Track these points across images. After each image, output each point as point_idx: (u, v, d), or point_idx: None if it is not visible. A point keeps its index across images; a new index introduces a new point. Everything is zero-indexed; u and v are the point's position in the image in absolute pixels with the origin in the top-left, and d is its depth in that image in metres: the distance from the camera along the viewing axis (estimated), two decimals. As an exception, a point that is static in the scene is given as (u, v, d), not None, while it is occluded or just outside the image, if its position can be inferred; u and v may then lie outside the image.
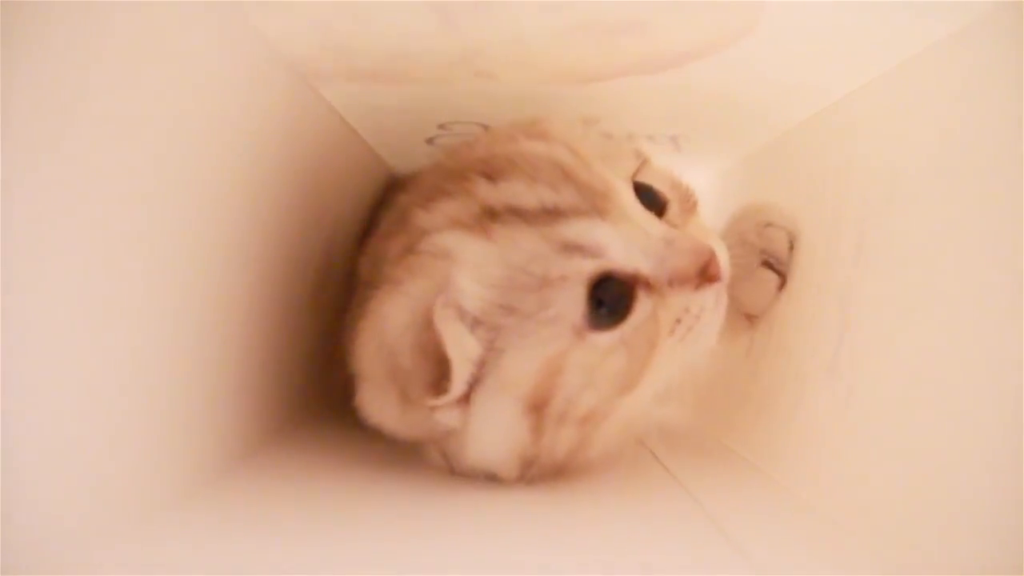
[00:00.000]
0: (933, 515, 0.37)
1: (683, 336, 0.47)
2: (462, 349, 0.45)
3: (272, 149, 0.54)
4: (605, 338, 0.46)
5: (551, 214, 0.45)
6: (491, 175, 0.47)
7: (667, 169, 0.56)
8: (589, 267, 0.45)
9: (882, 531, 0.41)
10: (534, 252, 0.45)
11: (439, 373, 0.45)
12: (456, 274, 0.45)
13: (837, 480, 0.46)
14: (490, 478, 0.50)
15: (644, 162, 0.54)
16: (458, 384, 0.45)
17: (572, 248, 0.45)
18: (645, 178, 0.52)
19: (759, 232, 0.60)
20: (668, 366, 0.48)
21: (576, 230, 0.45)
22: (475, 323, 0.45)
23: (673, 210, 0.51)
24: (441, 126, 0.69)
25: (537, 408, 0.46)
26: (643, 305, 0.46)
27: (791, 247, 0.59)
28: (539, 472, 0.50)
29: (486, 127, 0.70)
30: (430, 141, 0.73)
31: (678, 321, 0.47)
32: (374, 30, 0.47)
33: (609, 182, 0.47)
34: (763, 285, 0.60)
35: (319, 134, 0.62)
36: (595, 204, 0.46)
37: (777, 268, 0.59)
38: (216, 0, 0.42)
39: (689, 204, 0.53)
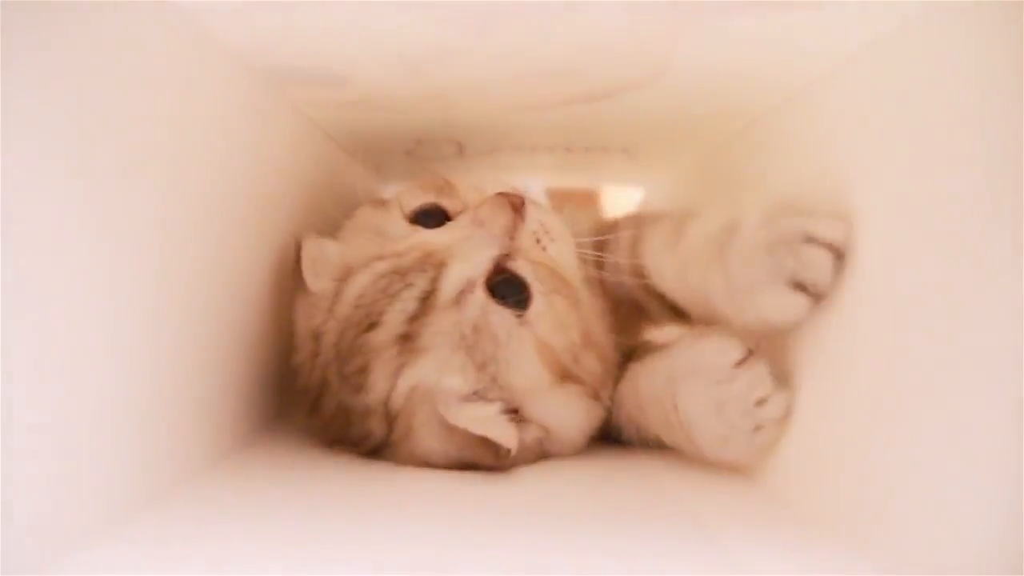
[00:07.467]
0: (910, 513, 0.37)
1: (548, 241, 0.58)
2: (487, 419, 0.52)
3: (268, 167, 0.61)
4: (537, 303, 0.55)
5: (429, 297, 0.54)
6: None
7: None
8: (473, 299, 0.53)
9: (860, 529, 0.40)
10: (455, 326, 0.53)
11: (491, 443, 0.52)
12: (436, 385, 0.52)
13: (815, 476, 0.46)
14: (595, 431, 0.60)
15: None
16: (511, 438, 0.52)
17: (460, 298, 0.53)
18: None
19: (791, 247, 0.46)
20: (569, 262, 0.59)
21: (447, 283, 0.53)
22: (474, 396, 0.53)
23: (454, 205, 0.60)
24: (418, 141, 0.79)
25: (562, 374, 0.56)
26: (520, 267, 0.56)
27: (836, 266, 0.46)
28: (612, 384, 0.60)
29: (459, 143, 0.80)
30: (409, 153, 0.83)
31: (538, 241, 0.58)
32: (355, 74, 0.56)
33: (414, 246, 0.56)
34: (781, 310, 0.47)
35: (310, 152, 0.71)
36: (434, 264, 0.54)
37: (812, 293, 0.46)
38: (244, 60, 0.51)
39: (449, 187, 0.62)
